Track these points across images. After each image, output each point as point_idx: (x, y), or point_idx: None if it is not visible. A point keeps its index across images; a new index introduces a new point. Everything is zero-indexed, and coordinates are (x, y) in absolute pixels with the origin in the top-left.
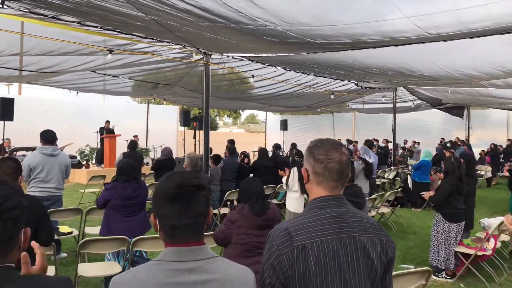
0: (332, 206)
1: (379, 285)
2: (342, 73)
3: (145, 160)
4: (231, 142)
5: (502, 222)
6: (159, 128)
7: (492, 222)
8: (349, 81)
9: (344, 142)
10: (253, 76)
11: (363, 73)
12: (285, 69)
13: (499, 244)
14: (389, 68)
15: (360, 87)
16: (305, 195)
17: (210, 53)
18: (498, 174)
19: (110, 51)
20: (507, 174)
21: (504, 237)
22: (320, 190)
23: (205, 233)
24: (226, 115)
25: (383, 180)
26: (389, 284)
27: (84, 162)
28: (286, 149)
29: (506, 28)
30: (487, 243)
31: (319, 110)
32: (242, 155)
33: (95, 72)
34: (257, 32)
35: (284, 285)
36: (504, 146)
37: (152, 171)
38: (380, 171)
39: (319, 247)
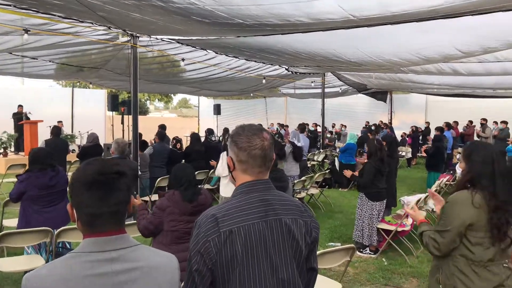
0: (258, 190)
1: (304, 264)
2: (273, 58)
3: (71, 147)
4: (162, 127)
5: (419, 199)
6: (86, 113)
7: (411, 199)
8: (280, 66)
9: (276, 126)
10: (183, 60)
11: (293, 58)
12: (216, 53)
13: None
14: (317, 53)
15: (290, 72)
16: None
17: (138, 35)
18: (418, 154)
19: (27, 31)
20: (425, 154)
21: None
22: (246, 176)
23: (130, 222)
24: (157, 99)
25: (312, 162)
26: (314, 263)
27: (2, 150)
28: (219, 133)
29: (423, 13)
30: (406, 220)
31: (252, 94)
32: (174, 141)
33: (11, 53)
34: (185, 11)
35: (211, 271)
36: (423, 128)
37: (78, 159)
38: (310, 154)
39: (246, 231)
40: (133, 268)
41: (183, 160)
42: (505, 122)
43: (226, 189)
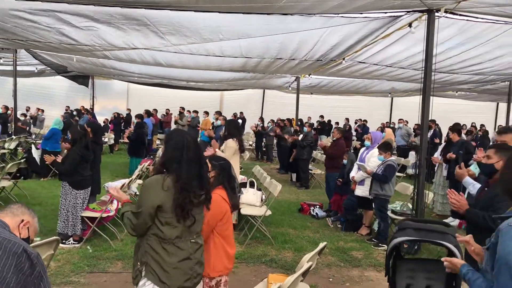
0: None
1: None
2: None
3: None
4: None
5: (123, 184)
6: None
7: (115, 184)
8: None
9: None
10: None
11: None
12: None
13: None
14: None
15: None
16: None
17: None
18: (120, 140)
19: None
20: (127, 140)
21: None
22: None
23: None
24: None
25: (3, 150)
26: None
27: None
28: None
29: None
30: (111, 205)
31: None
32: None
33: None
34: None
35: None
36: (125, 115)
37: None
38: None
39: None
40: None
41: None
42: (196, 111)
43: None
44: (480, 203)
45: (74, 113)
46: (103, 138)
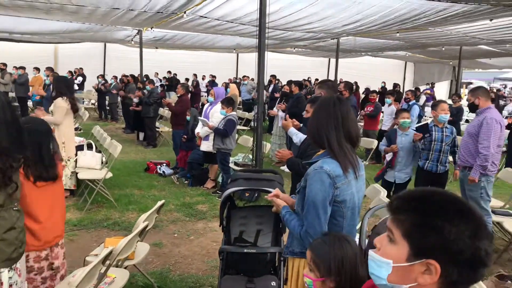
0: None
1: None
2: None
3: None
4: None
5: None
6: None
7: None
8: None
9: None
10: None
11: None
12: None
13: None
14: None
15: None
16: None
17: None
18: None
19: None
20: None
21: None
22: None
23: None
24: None
25: None
26: None
27: None
28: None
29: None
30: None
31: None
32: None
33: None
34: None
35: None
36: None
37: None
38: None
39: None
40: None
41: None
42: (23, 68)
43: None
44: (299, 152)
45: None
46: None
